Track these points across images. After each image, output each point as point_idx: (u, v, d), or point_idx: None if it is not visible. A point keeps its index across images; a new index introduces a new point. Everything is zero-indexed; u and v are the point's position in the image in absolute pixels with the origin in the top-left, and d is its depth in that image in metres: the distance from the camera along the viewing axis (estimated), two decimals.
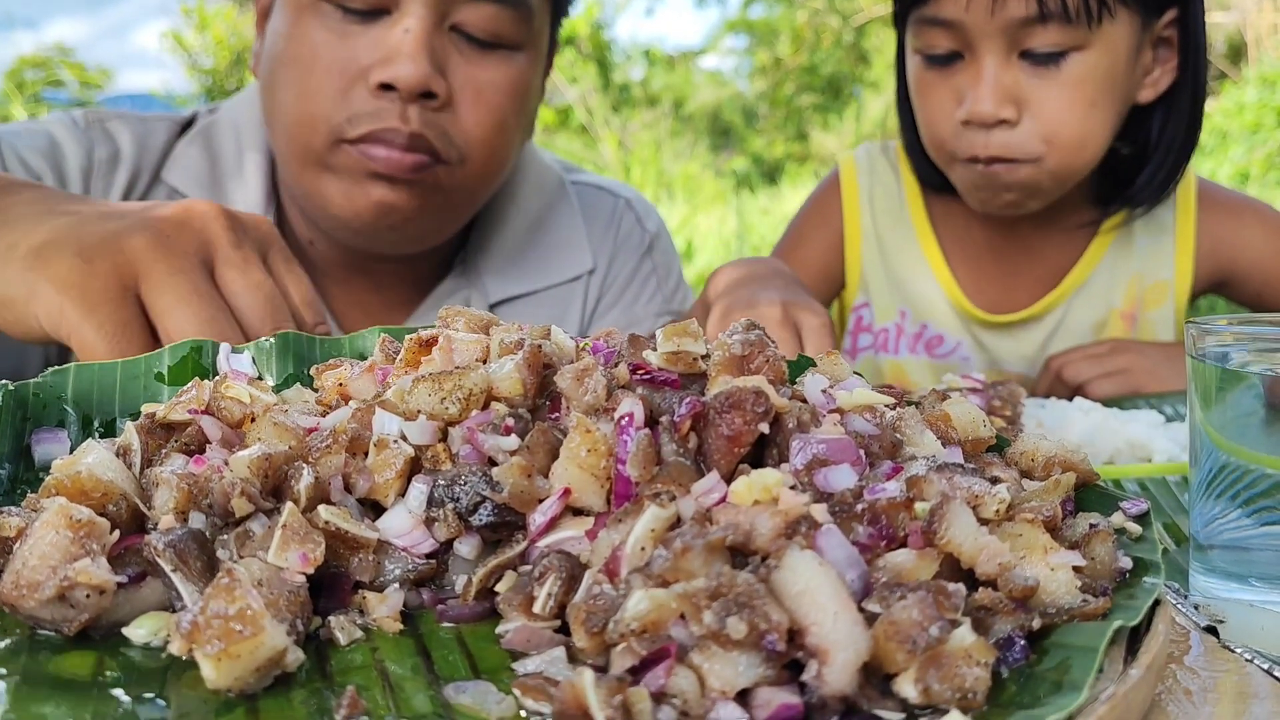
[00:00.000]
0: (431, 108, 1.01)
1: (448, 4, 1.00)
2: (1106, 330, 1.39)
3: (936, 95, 1.24)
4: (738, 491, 0.44)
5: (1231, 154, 6.37)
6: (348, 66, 1.00)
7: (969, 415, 0.56)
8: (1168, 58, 1.25)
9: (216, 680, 0.39)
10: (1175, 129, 1.27)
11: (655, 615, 0.39)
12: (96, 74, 11.14)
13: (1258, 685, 0.46)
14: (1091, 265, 1.38)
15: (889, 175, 1.48)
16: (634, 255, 1.32)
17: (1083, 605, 0.43)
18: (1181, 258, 1.38)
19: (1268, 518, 0.54)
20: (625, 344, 0.56)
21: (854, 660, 0.38)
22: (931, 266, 1.43)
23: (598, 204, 1.33)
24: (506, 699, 0.40)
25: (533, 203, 1.27)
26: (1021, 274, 1.40)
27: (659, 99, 11.79)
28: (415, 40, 0.98)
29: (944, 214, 1.44)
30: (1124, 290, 1.39)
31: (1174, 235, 1.39)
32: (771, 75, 11.53)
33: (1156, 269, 1.39)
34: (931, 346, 1.44)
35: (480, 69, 1.04)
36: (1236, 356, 0.57)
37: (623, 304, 1.30)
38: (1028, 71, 1.18)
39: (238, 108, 1.19)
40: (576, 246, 1.27)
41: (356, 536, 0.47)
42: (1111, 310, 1.39)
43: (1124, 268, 1.39)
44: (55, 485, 0.47)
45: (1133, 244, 1.39)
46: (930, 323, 1.44)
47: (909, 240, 1.44)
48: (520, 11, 1.05)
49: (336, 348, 0.69)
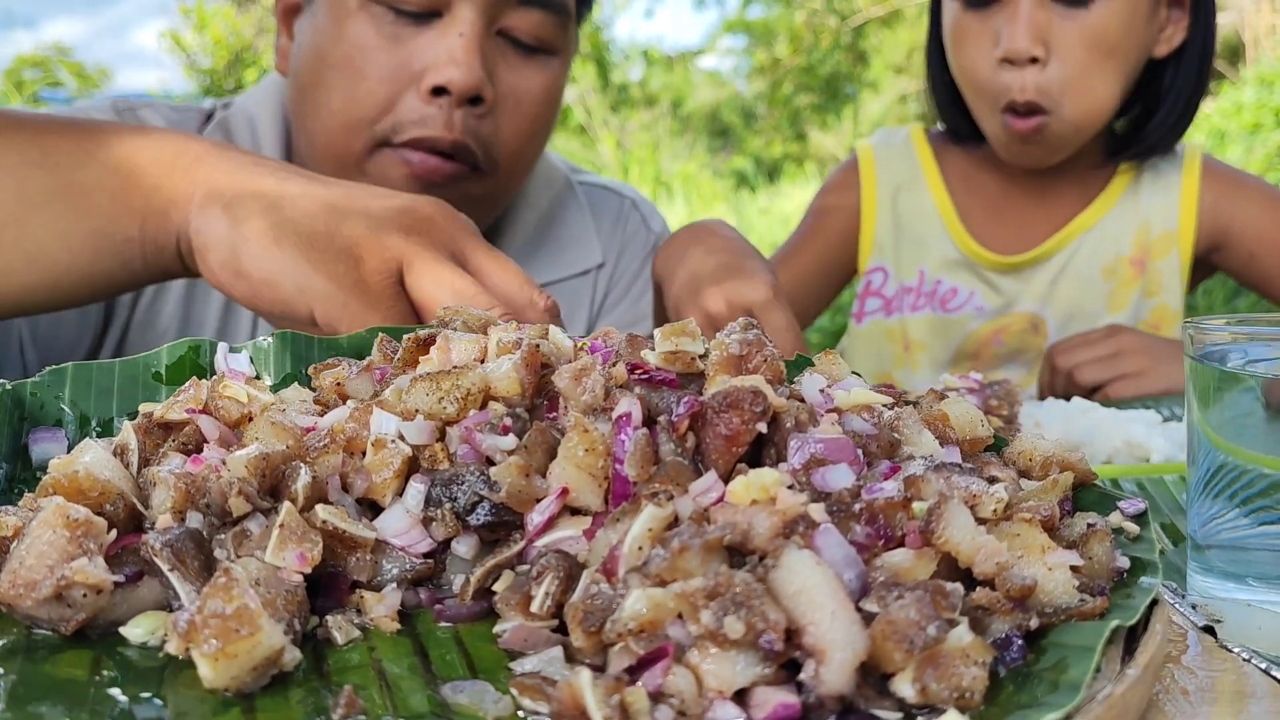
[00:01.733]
0: (476, 114, 1.01)
1: (497, 8, 1.01)
2: (1117, 276, 1.46)
3: (974, 38, 1.33)
4: (735, 491, 0.44)
5: (1230, 154, 6.37)
6: (400, 71, 1.00)
7: (967, 415, 0.56)
8: (1179, 17, 1.36)
9: (214, 680, 0.39)
10: (1185, 79, 1.37)
11: (653, 615, 0.39)
12: (95, 73, 11.15)
13: (1255, 685, 0.46)
14: (1101, 212, 1.46)
15: (905, 147, 1.57)
16: (639, 254, 1.33)
17: (1080, 605, 0.43)
18: (1185, 213, 1.46)
19: (1265, 517, 0.54)
20: (623, 343, 0.56)
21: (851, 660, 0.38)
22: (944, 219, 1.50)
23: (604, 203, 1.34)
24: (504, 698, 0.40)
25: (542, 200, 1.27)
26: (1033, 219, 1.48)
27: (657, 99, 11.79)
28: (470, 44, 0.99)
29: (957, 170, 1.52)
30: (1133, 238, 1.46)
31: (1179, 192, 1.46)
32: (770, 75, 11.52)
33: (1164, 220, 1.46)
34: (945, 301, 1.50)
35: (522, 76, 1.05)
36: (1234, 356, 0.57)
37: (628, 301, 1.31)
38: (1058, 12, 1.29)
39: (251, 103, 1.19)
40: (586, 241, 1.28)
41: (354, 536, 0.47)
42: (1120, 257, 1.46)
43: (1132, 216, 1.46)
44: (52, 484, 0.47)
45: (1140, 195, 1.47)
46: (944, 277, 1.51)
47: (923, 198, 1.52)
48: (562, 17, 1.06)
49: (334, 347, 0.69)
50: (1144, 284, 1.46)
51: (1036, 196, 1.48)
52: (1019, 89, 1.30)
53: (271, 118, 1.16)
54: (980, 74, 1.34)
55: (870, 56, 10.98)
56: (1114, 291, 1.47)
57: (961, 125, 1.47)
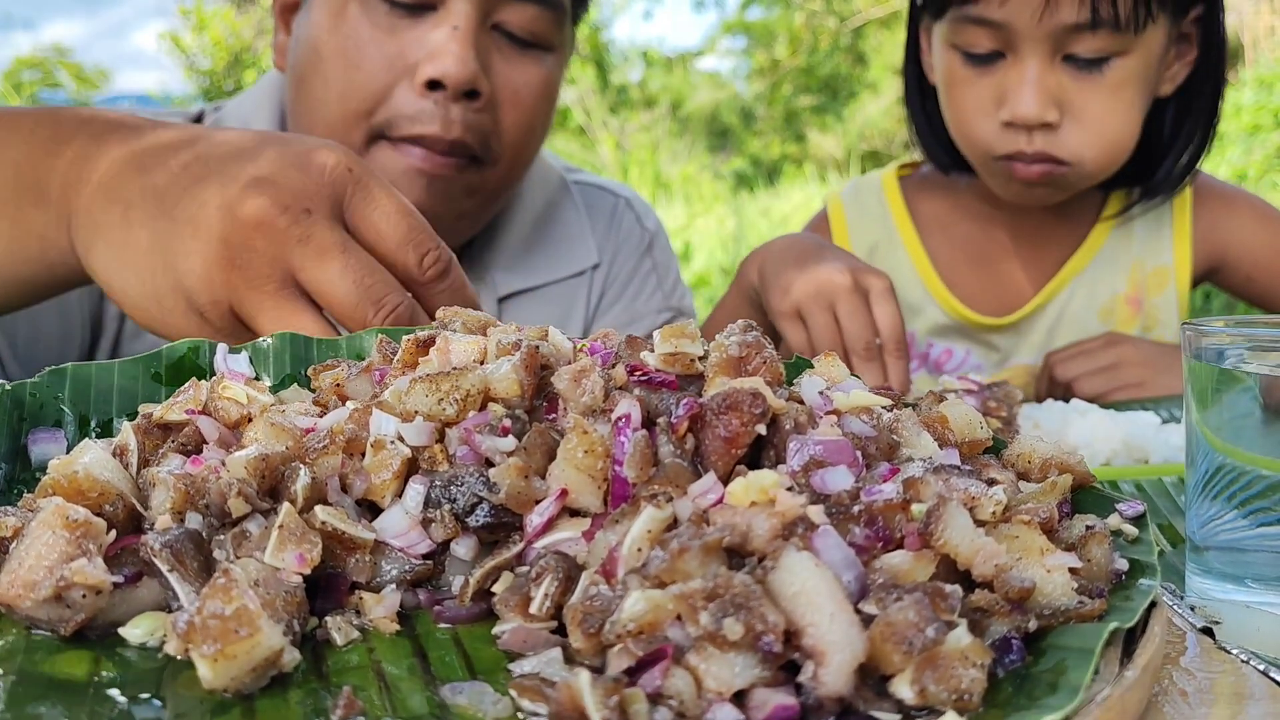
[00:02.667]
0: (474, 108, 1.01)
1: (491, 2, 1.01)
2: (1114, 316, 1.40)
3: (974, 93, 1.23)
4: (734, 493, 0.44)
5: (1229, 155, 6.37)
6: (395, 62, 1.00)
7: (965, 417, 0.56)
8: (1185, 52, 1.27)
9: (213, 680, 0.39)
10: (1195, 121, 1.29)
11: (652, 616, 0.39)
12: (94, 75, 11.14)
13: (1254, 686, 0.46)
14: (1091, 253, 1.40)
15: (876, 204, 1.48)
16: (634, 253, 1.33)
17: (1079, 607, 0.43)
18: (1180, 244, 1.40)
19: (1264, 519, 0.54)
20: (623, 345, 0.56)
21: (850, 661, 0.38)
22: (926, 284, 1.43)
23: (598, 202, 1.34)
24: (503, 700, 0.40)
25: (537, 199, 1.27)
26: (1021, 270, 1.42)
27: (657, 100, 11.80)
28: (464, 37, 0.99)
29: (933, 220, 1.44)
30: (1127, 275, 1.40)
31: (1172, 223, 1.41)
32: (769, 76, 11.54)
33: (1157, 255, 1.40)
34: (940, 364, 1.44)
35: (517, 70, 1.05)
36: (1233, 357, 0.57)
37: (624, 301, 1.31)
38: (1071, 75, 1.18)
39: (243, 105, 1.19)
40: (581, 241, 1.28)
41: (353, 537, 0.47)
42: (1116, 295, 1.40)
43: (1125, 255, 1.41)
44: (52, 485, 0.47)
45: (1132, 232, 1.41)
46: (935, 340, 1.44)
47: (901, 259, 1.45)
48: (557, 13, 1.06)
49: (334, 348, 0.69)
50: (1142, 321, 1.40)
51: (1023, 242, 1.40)
52: (1026, 145, 1.20)
53: (270, 115, 1.16)
54: (978, 130, 1.24)
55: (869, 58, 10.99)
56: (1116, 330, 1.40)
57: (946, 159, 1.37)
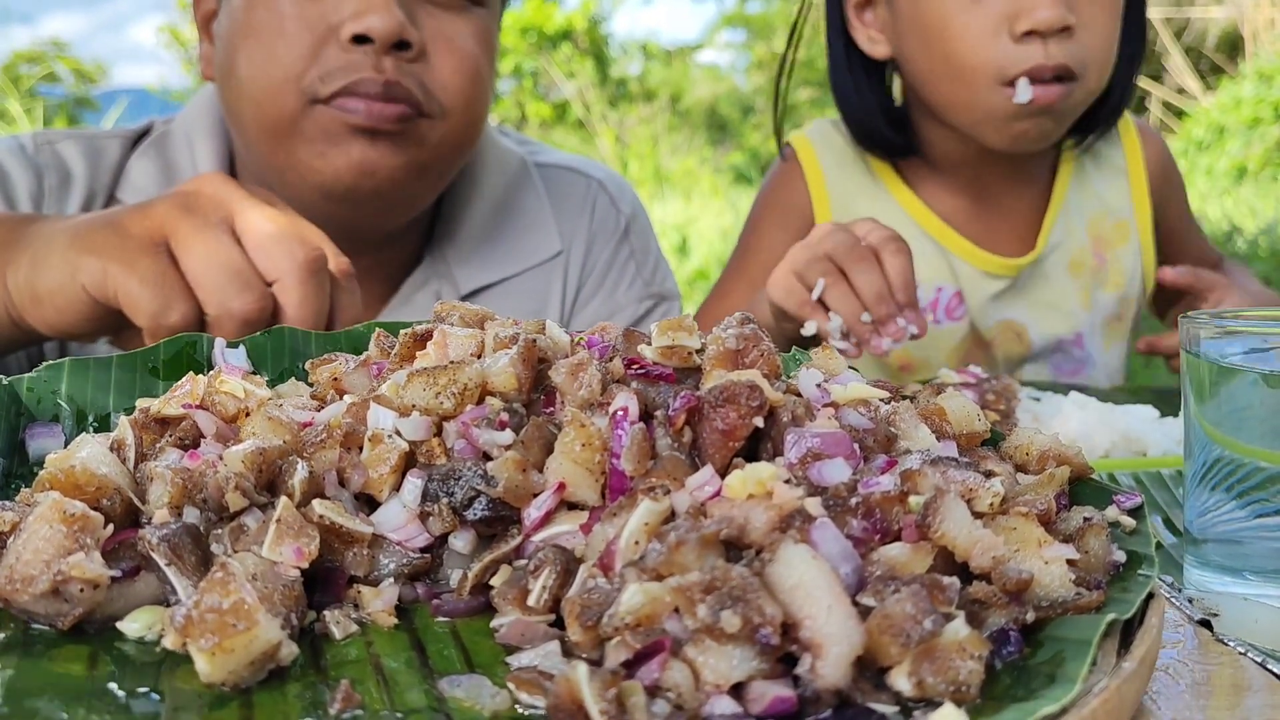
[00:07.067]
0: (406, 58, 0.98)
1: None
2: (1083, 270, 1.38)
3: (979, 17, 1.19)
4: (732, 485, 0.44)
5: (1229, 149, 6.37)
6: (317, 24, 0.97)
7: (963, 409, 0.56)
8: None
9: (211, 674, 0.39)
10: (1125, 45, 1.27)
11: (649, 609, 0.40)
12: (92, 68, 11.12)
13: (1251, 678, 0.47)
14: (1056, 210, 1.38)
15: (849, 149, 1.42)
16: (611, 240, 1.28)
17: (1077, 599, 0.43)
18: (1138, 193, 1.40)
19: (1261, 510, 0.54)
20: (620, 338, 0.56)
21: (848, 654, 0.38)
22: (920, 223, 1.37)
23: (568, 187, 1.29)
24: (501, 693, 0.40)
25: (495, 186, 1.23)
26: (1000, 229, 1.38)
27: (656, 94, 11.78)
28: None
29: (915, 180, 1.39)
30: (1087, 229, 1.39)
31: (1127, 174, 1.40)
32: (768, 70, 11.51)
33: (1117, 209, 1.40)
34: (951, 310, 1.37)
35: (446, 22, 1.02)
36: (1231, 350, 0.57)
37: (603, 293, 1.27)
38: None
39: (189, 116, 1.16)
40: (543, 229, 1.24)
41: (351, 531, 0.47)
42: (1083, 248, 1.38)
43: (1086, 208, 1.39)
44: (49, 480, 0.47)
45: (1089, 185, 1.40)
46: (945, 284, 1.37)
47: (890, 209, 1.38)
48: None
49: (332, 342, 0.69)
50: (1104, 276, 1.39)
51: (994, 206, 1.37)
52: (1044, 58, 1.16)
53: (208, 128, 1.14)
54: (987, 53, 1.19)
55: None
56: (1083, 287, 1.39)
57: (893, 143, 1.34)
